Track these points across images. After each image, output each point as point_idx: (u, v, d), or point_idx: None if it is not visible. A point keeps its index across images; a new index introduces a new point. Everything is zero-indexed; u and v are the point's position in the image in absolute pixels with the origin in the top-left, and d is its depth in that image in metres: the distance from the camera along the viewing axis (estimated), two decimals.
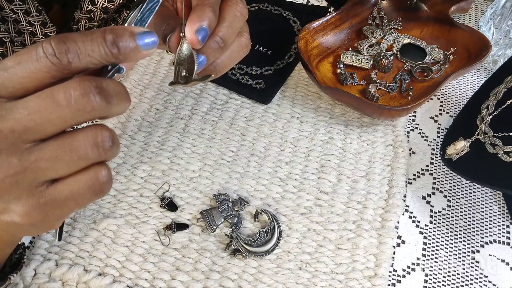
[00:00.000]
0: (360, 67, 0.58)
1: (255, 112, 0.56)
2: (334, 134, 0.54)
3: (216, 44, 0.36)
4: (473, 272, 0.45)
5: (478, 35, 0.57)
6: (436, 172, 0.52)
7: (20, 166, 0.25)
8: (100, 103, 0.25)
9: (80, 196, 0.27)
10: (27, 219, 0.26)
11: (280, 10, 0.67)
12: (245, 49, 0.39)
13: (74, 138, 0.26)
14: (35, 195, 0.26)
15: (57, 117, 0.25)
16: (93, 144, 0.26)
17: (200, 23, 0.34)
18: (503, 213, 0.49)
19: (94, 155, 0.26)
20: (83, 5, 0.50)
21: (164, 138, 0.53)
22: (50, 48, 0.24)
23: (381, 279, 0.43)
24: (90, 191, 0.27)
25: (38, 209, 0.26)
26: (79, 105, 0.25)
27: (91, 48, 0.25)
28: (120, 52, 0.26)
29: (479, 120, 0.49)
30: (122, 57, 0.26)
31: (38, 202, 0.26)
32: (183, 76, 0.35)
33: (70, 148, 0.25)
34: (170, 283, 0.42)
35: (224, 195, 0.47)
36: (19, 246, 0.39)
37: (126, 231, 0.45)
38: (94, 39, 0.25)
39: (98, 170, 0.27)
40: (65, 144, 0.25)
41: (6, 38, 0.43)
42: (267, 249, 0.44)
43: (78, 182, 0.26)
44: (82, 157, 0.26)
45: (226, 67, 0.39)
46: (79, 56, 0.25)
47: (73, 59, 0.24)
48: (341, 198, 0.49)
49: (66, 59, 0.24)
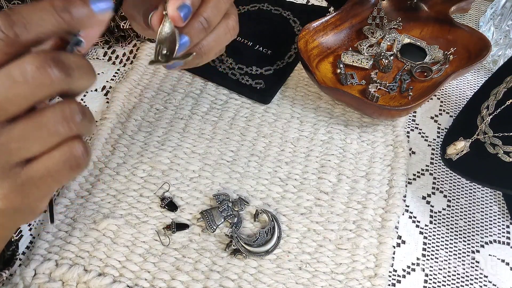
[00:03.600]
0: (360, 67, 0.58)
1: (255, 112, 0.56)
2: (334, 134, 0.54)
3: (200, 24, 0.35)
4: (473, 272, 0.45)
5: (478, 35, 0.57)
6: (436, 172, 0.52)
7: None
8: (59, 76, 0.24)
9: (57, 172, 0.26)
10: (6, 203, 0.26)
11: (280, 10, 0.67)
12: (232, 31, 0.38)
13: (42, 115, 0.25)
14: (11, 177, 0.25)
15: (16, 94, 0.24)
16: (62, 118, 0.25)
17: (182, 0, 0.33)
18: (503, 213, 0.49)
19: (65, 130, 0.26)
20: None
21: (164, 138, 0.53)
22: None
23: (381, 279, 0.43)
24: (66, 166, 0.26)
25: (15, 191, 0.26)
26: (36, 80, 0.24)
27: (40, 17, 0.24)
28: (73, 17, 0.25)
29: (479, 120, 0.49)
30: (76, 22, 0.25)
31: (15, 183, 0.26)
32: (163, 55, 0.34)
33: (39, 125, 0.25)
34: (170, 283, 0.42)
35: (224, 195, 0.47)
36: (12, 243, 0.39)
37: (126, 231, 0.45)
38: (43, 8, 0.24)
39: (72, 144, 0.26)
40: (33, 122, 0.25)
41: None
42: (267, 249, 0.44)
43: (53, 158, 0.26)
44: (53, 132, 0.25)
45: (212, 50, 0.38)
46: (27, 27, 0.24)
47: (21, 31, 0.23)
48: (341, 198, 0.49)
49: (13, 32, 0.23)
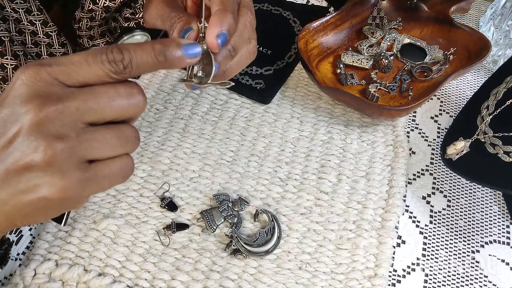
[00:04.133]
0: (360, 67, 0.58)
1: (255, 112, 0.56)
2: (334, 134, 0.54)
3: (228, 52, 0.38)
4: (473, 272, 0.45)
5: (478, 35, 0.57)
6: (436, 172, 0.52)
7: (77, 140, 0.28)
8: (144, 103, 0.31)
9: (114, 176, 0.30)
10: (63, 193, 0.28)
11: (280, 10, 0.67)
12: (252, 55, 0.41)
13: (121, 129, 0.30)
14: (82, 169, 0.29)
15: (117, 104, 0.29)
16: (134, 137, 0.31)
17: (221, 28, 0.35)
18: (503, 213, 0.49)
19: (129, 146, 0.31)
20: (84, 4, 0.50)
21: (164, 138, 0.53)
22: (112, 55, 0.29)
23: (381, 279, 0.43)
24: (122, 174, 0.31)
25: (80, 182, 0.29)
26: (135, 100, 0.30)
27: (141, 57, 0.29)
28: (167, 60, 0.30)
29: (479, 120, 0.49)
30: (168, 65, 0.30)
31: (82, 175, 0.29)
32: (198, 76, 0.36)
33: (118, 135, 0.30)
34: (170, 283, 0.42)
35: (224, 195, 0.47)
36: (5, 241, 0.40)
37: (126, 231, 0.45)
38: (145, 49, 0.29)
39: (129, 158, 0.31)
40: (114, 131, 0.30)
41: (6, 37, 0.43)
42: (267, 249, 0.44)
43: (115, 164, 0.30)
44: (124, 145, 0.30)
45: (234, 72, 0.40)
46: (132, 64, 0.29)
47: (127, 66, 0.29)
48: (341, 198, 0.49)
49: (122, 66, 0.29)
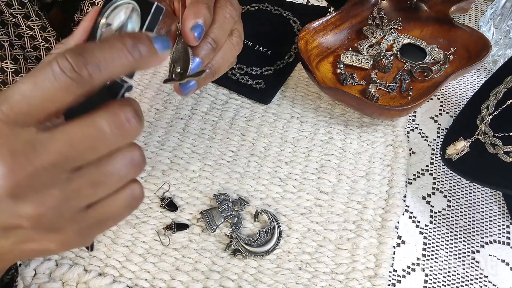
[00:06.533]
0: (360, 67, 0.58)
1: (255, 112, 0.56)
2: (334, 134, 0.54)
3: (209, 45, 0.36)
4: (473, 272, 0.45)
5: (478, 35, 0.57)
6: (436, 172, 0.52)
7: (62, 197, 0.23)
8: (139, 127, 0.24)
9: (119, 214, 0.27)
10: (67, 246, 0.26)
11: (280, 10, 0.67)
12: (237, 47, 0.40)
13: (113, 161, 0.25)
14: (77, 221, 0.25)
15: (101, 144, 0.23)
16: (131, 164, 0.25)
17: (195, 20, 0.34)
18: (503, 213, 0.49)
19: (131, 175, 0.26)
20: (83, 7, 0.50)
21: (164, 138, 0.53)
22: (67, 63, 0.21)
23: (381, 279, 0.43)
24: (128, 208, 0.27)
25: (79, 234, 0.25)
26: (123, 131, 0.24)
27: (111, 56, 0.23)
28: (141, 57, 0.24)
29: (479, 120, 0.49)
30: (143, 61, 0.24)
31: (79, 227, 0.25)
32: (177, 73, 0.35)
33: (110, 171, 0.25)
34: (170, 283, 0.42)
35: (224, 195, 0.47)
36: (11, 266, 0.38)
37: (126, 231, 0.45)
38: (114, 47, 0.23)
39: (133, 187, 0.27)
40: (104, 168, 0.24)
41: (5, 41, 0.43)
42: (267, 249, 0.44)
43: (117, 202, 0.26)
44: (122, 178, 0.26)
45: (221, 67, 0.39)
46: (100, 67, 0.22)
47: (94, 71, 0.22)
48: (341, 198, 0.49)
49: (87, 72, 0.22)
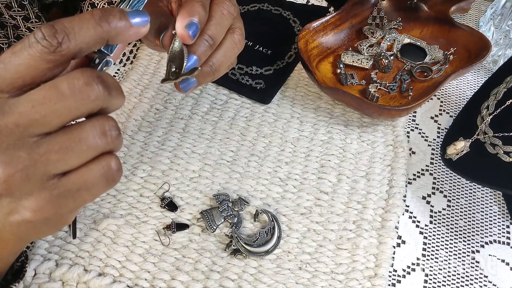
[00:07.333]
0: (360, 67, 0.58)
1: (255, 112, 0.56)
2: (334, 134, 0.54)
3: (206, 42, 0.36)
4: (473, 272, 0.45)
5: (478, 35, 0.57)
6: (436, 172, 0.52)
7: (30, 159, 0.25)
8: (103, 92, 0.26)
9: (94, 185, 0.27)
10: (40, 214, 0.26)
11: (280, 10, 0.67)
12: (239, 45, 0.39)
13: (82, 129, 0.26)
14: (47, 188, 0.26)
15: (62, 107, 0.25)
16: (101, 133, 0.26)
17: (190, 18, 0.34)
18: (503, 213, 0.49)
19: (103, 144, 0.26)
20: (83, 8, 0.50)
21: (164, 138, 0.53)
22: (40, 33, 0.24)
23: (381, 279, 0.43)
24: (103, 179, 0.27)
25: (51, 202, 0.26)
26: (83, 94, 0.25)
27: (80, 27, 0.25)
28: (111, 27, 0.26)
29: (479, 120, 0.49)
30: (114, 33, 0.26)
31: (51, 195, 0.26)
32: (173, 72, 0.35)
33: (79, 138, 0.26)
34: (170, 283, 0.42)
35: (224, 195, 0.47)
36: (21, 254, 0.38)
37: (126, 231, 0.45)
38: (83, 18, 0.25)
39: (109, 159, 0.27)
40: (73, 135, 0.26)
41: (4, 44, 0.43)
42: (267, 249, 0.44)
43: (91, 171, 0.27)
44: (92, 146, 0.26)
45: (222, 65, 0.39)
46: (69, 37, 0.25)
47: (63, 39, 0.25)
48: (341, 198, 0.49)
49: (56, 41, 0.24)
